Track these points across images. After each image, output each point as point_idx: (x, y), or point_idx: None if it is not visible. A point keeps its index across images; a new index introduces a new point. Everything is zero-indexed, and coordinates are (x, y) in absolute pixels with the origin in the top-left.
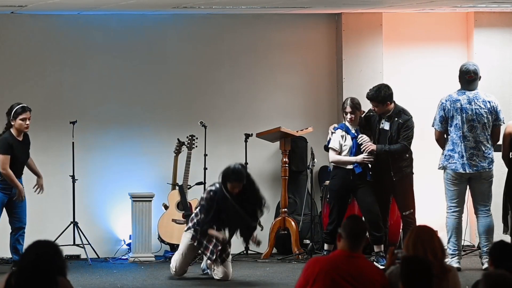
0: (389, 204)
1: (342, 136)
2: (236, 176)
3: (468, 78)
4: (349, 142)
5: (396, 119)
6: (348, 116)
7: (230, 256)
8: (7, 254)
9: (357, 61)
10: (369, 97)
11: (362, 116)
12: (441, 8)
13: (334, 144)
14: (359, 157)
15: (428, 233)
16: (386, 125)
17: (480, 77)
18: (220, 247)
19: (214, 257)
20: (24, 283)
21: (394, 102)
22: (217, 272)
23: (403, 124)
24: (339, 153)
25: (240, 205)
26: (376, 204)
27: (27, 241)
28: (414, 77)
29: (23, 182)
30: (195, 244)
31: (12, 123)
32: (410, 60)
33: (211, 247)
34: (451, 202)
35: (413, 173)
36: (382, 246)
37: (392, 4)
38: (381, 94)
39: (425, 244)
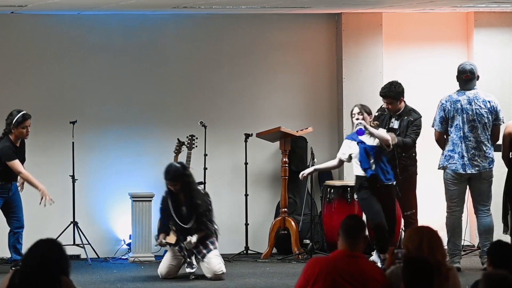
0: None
1: (349, 147)
2: (168, 175)
3: (465, 77)
4: (355, 149)
5: (406, 117)
6: (356, 116)
7: (214, 252)
8: (7, 254)
9: (357, 61)
10: (383, 94)
11: (373, 117)
12: (441, 8)
13: (340, 154)
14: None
15: (429, 233)
16: (395, 124)
17: (478, 76)
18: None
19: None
20: (28, 282)
21: (404, 101)
22: (206, 273)
23: (412, 122)
24: (350, 161)
25: (177, 205)
26: (395, 210)
27: (28, 241)
28: (414, 77)
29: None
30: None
31: (13, 131)
32: (410, 60)
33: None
34: (451, 202)
35: (417, 174)
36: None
37: (392, 4)
38: (394, 90)
39: (426, 244)
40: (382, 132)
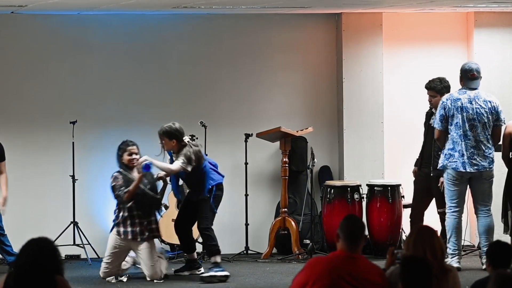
0: (430, 200)
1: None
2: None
3: (471, 76)
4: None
5: None
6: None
7: (163, 251)
8: None
9: (357, 61)
10: (427, 86)
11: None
12: (441, 8)
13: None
14: None
15: (429, 233)
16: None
17: (481, 77)
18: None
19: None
20: (22, 282)
21: None
22: (145, 270)
23: None
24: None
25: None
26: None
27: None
28: (414, 77)
29: None
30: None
31: None
32: (410, 60)
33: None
34: (451, 202)
35: None
36: None
37: (392, 4)
38: (440, 84)
39: (425, 244)
40: (164, 164)
